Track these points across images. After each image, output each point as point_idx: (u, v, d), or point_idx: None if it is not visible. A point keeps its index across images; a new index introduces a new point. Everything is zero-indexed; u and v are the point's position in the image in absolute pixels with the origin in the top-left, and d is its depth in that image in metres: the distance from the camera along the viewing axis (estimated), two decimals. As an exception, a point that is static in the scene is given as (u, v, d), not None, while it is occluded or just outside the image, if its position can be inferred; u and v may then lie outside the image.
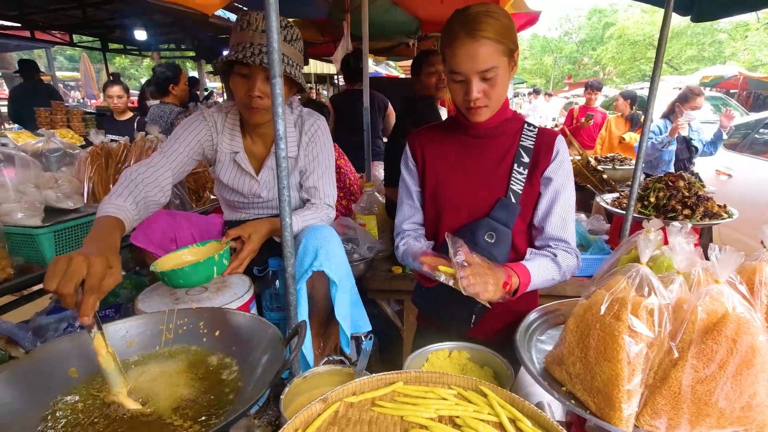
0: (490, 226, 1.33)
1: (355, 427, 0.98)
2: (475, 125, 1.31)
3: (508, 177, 1.32)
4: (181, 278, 1.16)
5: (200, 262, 1.17)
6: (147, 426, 0.77)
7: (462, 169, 1.37)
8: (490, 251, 1.33)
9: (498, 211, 1.33)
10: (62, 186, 1.49)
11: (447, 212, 1.40)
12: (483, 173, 1.35)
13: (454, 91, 1.23)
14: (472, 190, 1.36)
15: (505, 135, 1.34)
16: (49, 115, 5.02)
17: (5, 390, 0.76)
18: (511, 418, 0.98)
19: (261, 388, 0.74)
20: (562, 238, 1.34)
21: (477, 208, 1.36)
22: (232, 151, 1.58)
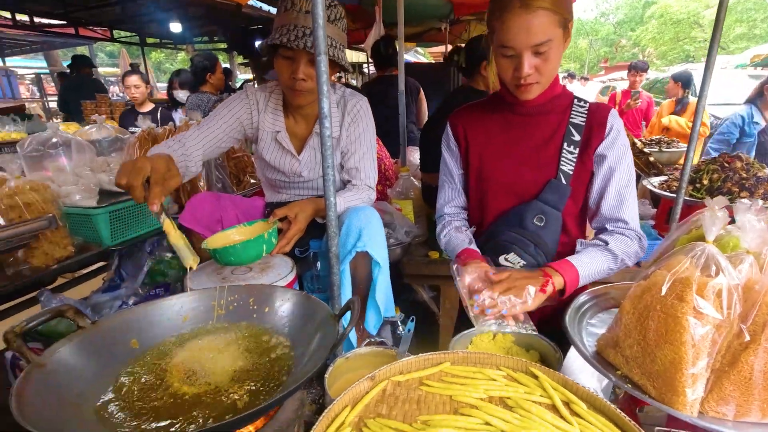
0: (539, 209, 1.28)
1: (403, 405, 0.98)
2: (522, 103, 1.25)
3: (557, 157, 1.26)
4: (232, 255, 1.19)
5: (251, 240, 1.20)
6: (206, 395, 0.78)
7: (508, 150, 1.32)
8: (539, 235, 1.29)
9: (547, 193, 1.27)
10: (114, 170, 1.55)
11: (492, 195, 1.36)
12: (530, 153, 1.30)
13: (503, 67, 1.17)
14: (519, 172, 1.31)
15: (554, 112, 1.28)
16: (94, 107, 5.23)
17: (77, 357, 0.80)
18: (564, 401, 0.95)
19: (317, 362, 0.74)
20: (619, 218, 1.26)
21: (524, 191, 1.31)
22: (273, 130, 1.60)
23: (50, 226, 1.24)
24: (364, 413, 0.95)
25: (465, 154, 1.40)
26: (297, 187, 1.72)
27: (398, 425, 0.90)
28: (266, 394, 0.78)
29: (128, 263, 1.73)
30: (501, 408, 0.94)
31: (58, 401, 0.70)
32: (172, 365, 0.88)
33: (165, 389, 0.80)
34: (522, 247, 1.30)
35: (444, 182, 1.47)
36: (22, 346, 0.74)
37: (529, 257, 1.30)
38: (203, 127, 1.53)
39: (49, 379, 0.73)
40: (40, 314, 0.80)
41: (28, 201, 1.26)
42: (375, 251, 1.39)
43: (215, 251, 1.20)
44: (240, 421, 0.66)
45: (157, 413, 0.74)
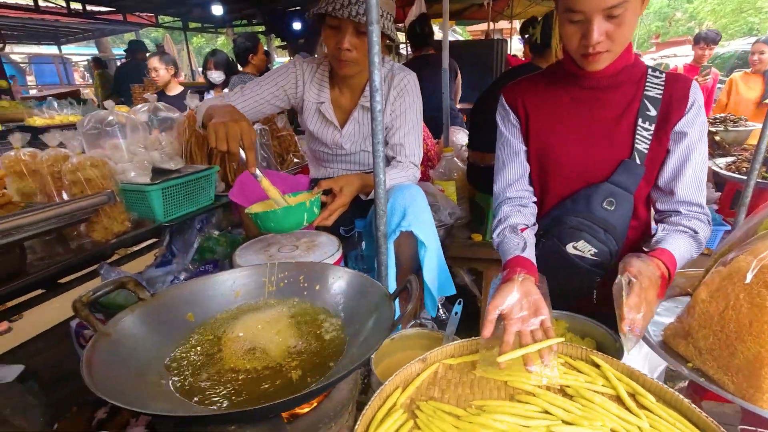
0: (609, 192, 1.18)
1: (456, 389, 0.95)
2: (589, 74, 1.14)
3: (631, 134, 1.15)
4: (272, 221, 1.18)
5: (292, 206, 1.19)
6: (263, 371, 0.78)
7: (574, 127, 1.21)
8: (608, 219, 1.20)
9: (620, 174, 1.17)
10: (165, 148, 1.58)
11: (555, 178, 1.26)
12: (600, 131, 1.18)
13: (568, 34, 1.06)
14: (588, 152, 1.20)
15: (627, 84, 1.16)
16: (142, 90, 5.41)
17: (139, 327, 0.82)
18: (630, 392, 0.89)
19: (374, 343, 0.72)
20: (694, 202, 1.16)
21: (593, 172, 1.20)
22: (318, 101, 1.59)
23: (109, 202, 1.29)
24: (415, 395, 0.93)
25: (526, 131, 1.29)
26: (340, 161, 1.71)
27: (452, 409, 0.87)
28: (320, 373, 0.77)
29: (179, 240, 1.78)
30: (560, 396, 0.90)
31: (125, 370, 0.72)
32: (227, 339, 0.89)
33: (222, 363, 0.81)
34: (592, 234, 1.21)
35: (505, 162, 1.32)
36: (90, 315, 0.76)
37: (600, 244, 1.21)
38: (246, 92, 1.56)
39: (114, 348, 0.75)
40: (104, 285, 0.82)
41: (89, 177, 1.31)
42: (420, 231, 1.35)
43: (257, 215, 1.21)
44: (300, 399, 0.65)
45: (218, 386, 0.75)
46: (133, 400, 0.63)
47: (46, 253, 1.31)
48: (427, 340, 1.31)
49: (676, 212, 1.19)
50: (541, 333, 0.97)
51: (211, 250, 1.76)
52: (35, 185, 1.38)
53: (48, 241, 1.37)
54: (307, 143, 1.78)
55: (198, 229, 1.76)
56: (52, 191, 1.34)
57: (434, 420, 0.84)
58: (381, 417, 0.84)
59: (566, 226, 1.24)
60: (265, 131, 2.06)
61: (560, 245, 1.26)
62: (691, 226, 1.15)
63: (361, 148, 1.65)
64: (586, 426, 0.81)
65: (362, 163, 1.70)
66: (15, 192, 1.39)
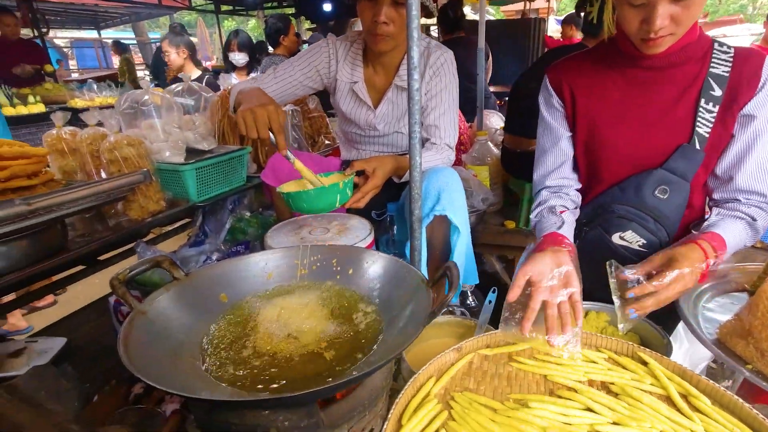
0: (663, 179, 1.10)
1: (492, 380, 0.91)
2: (649, 55, 1.04)
3: (692, 117, 1.06)
4: (305, 201, 1.17)
5: (324, 187, 1.17)
6: (295, 356, 0.77)
7: (628, 110, 1.12)
8: (659, 208, 1.11)
9: (676, 160, 1.08)
10: (199, 128, 1.59)
11: (603, 164, 1.18)
12: (656, 114, 1.09)
13: (627, 18, 0.95)
14: (642, 136, 1.11)
15: (690, 62, 1.05)
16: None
17: (174, 306, 0.82)
18: (682, 393, 0.84)
19: (413, 332, 0.69)
20: (756, 191, 1.06)
21: (646, 158, 1.12)
22: (351, 80, 1.55)
23: (145, 180, 1.30)
24: (449, 385, 0.90)
25: (572, 116, 1.20)
26: (373, 143, 1.67)
27: (488, 401, 0.84)
28: (355, 361, 0.75)
29: (211, 220, 1.80)
30: (604, 394, 0.85)
31: (160, 350, 0.72)
32: (260, 322, 0.88)
33: (255, 346, 0.80)
34: (640, 223, 1.13)
35: (546, 148, 1.26)
36: (126, 293, 0.76)
37: (649, 234, 1.14)
38: (279, 72, 1.53)
39: (150, 327, 0.75)
40: (141, 263, 0.82)
41: (125, 155, 1.32)
42: (454, 215, 1.30)
43: (288, 195, 1.20)
44: (337, 387, 0.63)
45: (251, 369, 0.74)
46: (167, 381, 0.62)
47: (86, 230, 1.34)
48: (458, 328, 1.27)
49: (732, 200, 1.09)
50: (568, 306, 0.95)
51: (243, 231, 1.77)
52: (76, 164, 1.41)
53: (88, 218, 1.40)
54: (338, 125, 1.75)
55: (230, 209, 1.77)
56: (91, 170, 1.37)
57: (470, 412, 0.81)
58: (414, 406, 0.82)
59: (613, 215, 1.16)
60: (296, 112, 2.04)
61: (605, 235, 1.19)
62: (750, 213, 1.06)
63: (395, 129, 1.60)
64: (633, 427, 0.76)
65: (395, 144, 1.65)
66: (57, 170, 1.42)
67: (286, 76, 1.53)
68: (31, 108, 4.42)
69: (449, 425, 0.79)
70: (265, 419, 0.63)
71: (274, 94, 1.49)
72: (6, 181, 1.14)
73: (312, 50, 1.57)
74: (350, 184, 1.25)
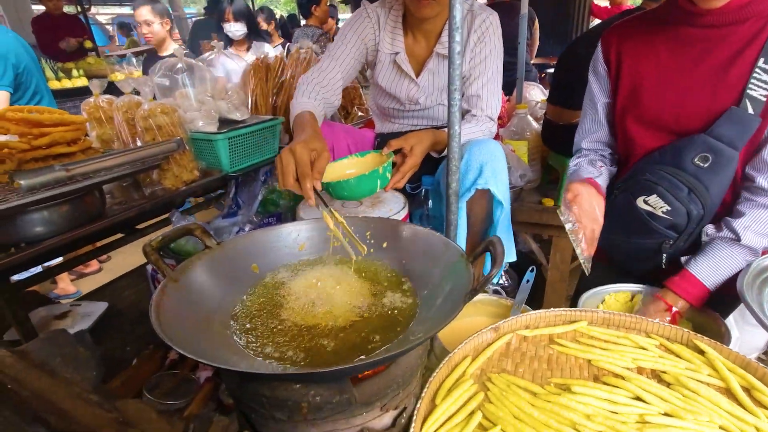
0: (707, 146, 1.00)
1: (531, 362, 0.87)
2: (709, 11, 0.95)
3: (745, 80, 0.95)
4: (345, 190, 1.14)
5: (365, 174, 1.12)
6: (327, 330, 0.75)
7: (675, 72, 1.04)
8: (698, 177, 1.02)
9: (723, 125, 0.98)
10: (232, 97, 1.56)
11: (642, 128, 1.11)
12: (706, 76, 1.00)
13: None
14: (686, 99, 1.02)
15: (751, 20, 0.95)
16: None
17: (206, 275, 0.82)
18: (745, 387, 0.76)
19: (451, 310, 0.65)
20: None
21: (689, 124, 1.03)
22: (392, 51, 1.47)
23: (179, 149, 1.30)
24: (486, 366, 0.86)
25: (615, 79, 1.15)
26: (411, 116, 1.59)
27: (527, 385, 0.80)
28: (390, 337, 0.72)
29: (244, 191, 1.80)
30: (655, 383, 0.79)
31: (192, 318, 0.71)
32: (292, 294, 0.86)
33: (287, 318, 0.79)
34: (670, 189, 1.04)
35: (586, 113, 1.26)
36: (159, 259, 0.75)
37: (677, 203, 1.04)
38: (335, 55, 1.45)
39: (182, 295, 0.74)
40: (173, 231, 0.82)
41: (159, 124, 1.32)
42: (497, 189, 1.24)
43: (329, 185, 1.15)
44: (372, 364, 0.61)
45: (283, 341, 0.72)
46: (198, 350, 0.61)
47: (124, 198, 1.36)
48: (493, 308, 1.22)
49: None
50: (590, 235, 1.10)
51: (275, 203, 1.76)
52: (113, 132, 1.42)
53: (125, 187, 1.42)
54: (373, 98, 1.67)
55: (262, 181, 1.76)
56: (127, 138, 1.38)
57: (508, 395, 0.77)
58: (449, 386, 0.78)
59: (642, 178, 1.08)
60: (329, 82, 1.98)
61: (631, 199, 1.11)
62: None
63: (436, 101, 1.52)
64: (689, 420, 0.70)
65: (435, 117, 1.57)
66: (96, 139, 1.44)
67: (343, 56, 1.45)
68: (74, 81, 4.57)
69: (486, 407, 0.75)
70: (297, 393, 0.61)
71: (342, 77, 1.45)
72: (47, 148, 1.16)
73: (354, 22, 1.48)
74: (389, 167, 1.20)
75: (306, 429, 0.67)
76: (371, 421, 0.70)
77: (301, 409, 0.61)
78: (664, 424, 0.69)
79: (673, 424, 0.69)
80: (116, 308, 1.66)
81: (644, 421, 0.71)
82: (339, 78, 1.44)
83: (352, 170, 1.27)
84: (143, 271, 1.90)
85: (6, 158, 1.13)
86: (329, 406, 0.61)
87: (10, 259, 1.01)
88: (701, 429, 0.68)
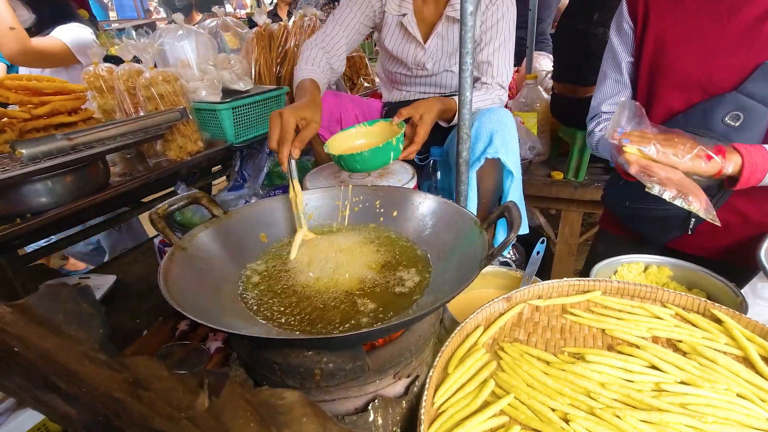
0: (737, 104, 0.96)
1: (544, 332, 0.86)
2: None
3: None
4: (358, 163, 1.10)
5: (379, 147, 1.08)
6: (337, 298, 0.74)
7: (704, 27, 0.99)
8: (729, 137, 0.97)
9: (756, 81, 0.93)
10: (235, 67, 1.52)
11: (668, 88, 1.06)
12: (737, 30, 0.95)
13: None
14: (716, 57, 0.98)
15: None
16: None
17: (214, 243, 0.80)
18: (764, 356, 0.75)
19: (465, 278, 0.63)
20: None
21: (719, 82, 0.99)
22: (399, 13, 1.42)
23: (182, 118, 1.27)
24: (498, 336, 0.85)
25: (640, 36, 1.09)
26: (418, 83, 1.55)
27: (540, 353, 0.79)
28: (403, 305, 0.71)
29: (249, 164, 1.77)
30: (671, 351, 0.77)
31: (200, 285, 0.70)
32: (302, 262, 0.84)
33: (298, 285, 0.77)
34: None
35: (606, 74, 1.20)
36: (165, 227, 0.74)
37: None
38: (340, 20, 1.42)
39: (190, 262, 0.73)
40: (179, 198, 0.80)
41: (161, 93, 1.29)
42: (508, 158, 1.20)
43: (340, 158, 1.12)
44: (384, 331, 0.60)
45: (293, 309, 0.71)
46: (207, 316, 0.60)
47: (128, 170, 1.34)
48: (503, 279, 1.21)
49: None
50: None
51: (281, 176, 1.74)
52: (114, 102, 1.39)
53: (129, 158, 1.40)
54: (381, 64, 1.63)
55: (268, 153, 1.74)
56: (129, 108, 1.35)
57: (521, 363, 0.76)
58: (461, 355, 0.78)
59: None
60: (334, 52, 1.93)
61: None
62: None
63: (445, 67, 1.47)
64: (706, 388, 0.69)
65: (444, 85, 1.53)
66: (97, 109, 1.41)
67: (347, 21, 1.42)
68: (74, 55, 4.48)
69: (498, 376, 0.74)
70: (309, 360, 0.60)
71: (346, 43, 1.42)
72: (48, 117, 1.14)
73: None
74: (401, 138, 1.16)
75: (319, 396, 0.66)
76: (384, 388, 0.69)
77: (314, 376, 0.60)
78: (681, 392, 0.68)
79: (690, 392, 0.68)
80: (125, 281, 1.65)
81: (660, 389, 0.70)
82: (343, 43, 1.41)
83: (361, 140, 1.24)
84: (151, 245, 1.89)
85: (6, 128, 1.11)
86: (342, 373, 0.60)
87: (15, 229, 0.99)
88: (719, 397, 0.67)
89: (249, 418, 0.35)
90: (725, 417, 0.65)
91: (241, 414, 0.34)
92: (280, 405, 0.37)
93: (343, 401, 0.67)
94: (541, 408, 0.67)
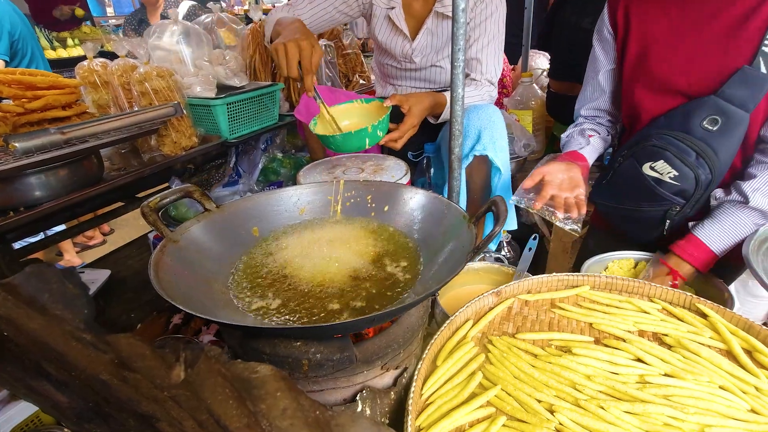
0: (716, 108, 0.97)
1: (532, 326, 0.87)
2: None
3: (759, 37, 0.92)
4: (332, 144, 1.17)
5: (351, 133, 1.12)
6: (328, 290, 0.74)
7: (684, 31, 1.00)
8: (707, 141, 0.99)
9: (734, 86, 0.94)
10: (230, 63, 1.52)
11: (649, 93, 1.07)
12: (717, 34, 0.96)
13: None
14: (696, 60, 0.99)
15: None
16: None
17: (206, 237, 0.81)
18: (746, 349, 0.76)
19: (453, 269, 0.64)
20: None
21: (699, 85, 1.00)
22: (388, 6, 1.43)
23: (176, 114, 1.27)
24: (487, 330, 0.86)
25: (622, 43, 1.12)
26: (409, 77, 1.56)
27: (528, 347, 0.80)
28: (392, 296, 0.72)
29: (244, 160, 1.78)
30: (656, 345, 0.79)
31: (192, 278, 0.71)
32: (293, 255, 0.85)
33: (289, 278, 0.78)
34: (677, 154, 1.01)
35: (587, 80, 1.25)
36: (157, 220, 0.74)
37: (685, 167, 1.01)
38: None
39: (182, 255, 0.73)
40: (171, 192, 0.80)
41: (156, 88, 1.29)
42: (496, 155, 1.22)
43: (319, 136, 1.20)
44: (372, 320, 0.60)
45: (284, 301, 0.72)
46: (198, 307, 0.61)
47: (122, 165, 1.34)
48: (495, 275, 1.22)
49: None
50: (573, 200, 1.07)
51: (275, 172, 1.75)
52: (108, 97, 1.39)
53: (123, 153, 1.40)
54: (375, 57, 1.64)
55: (263, 149, 1.74)
56: (123, 103, 1.35)
57: (509, 356, 0.77)
58: (450, 348, 0.79)
59: (648, 144, 1.06)
60: (330, 48, 1.93)
61: (636, 165, 1.09)
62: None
63: (433, 62, 1.47)
64: (689, 380, 0.70)
65: (433, 80, 1.53)
66: (91, 104, 1.41)
67: (321, 2, 1.41)
68: (70, 51, 4.48)
69: (486, 368, 0.75)
70: (297, 350, 0.61)
71: (309, 21, 1.40)
72: (41, 111, 1.14)
73: None
74: (382, 125, 1.18)
75: (307, 386, 0.67)
76: (372, 379, 0.70)
77: (302, 366, 0.61)
78: (665, 384, 0.69)
79: (673, 384, 0.70)
80: (119, 276, 1.66)
81: (645, 381, 0.71)
82: (306, 20, 1.39)
83: (350, 120, 1.28)
84: (145, 240, 1.90)
85: (0, 121, 1.11)
86: (330, 364, 0.61)
87: (8, 222, 1.00)
88: (701, 389, 0.69)
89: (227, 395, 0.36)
90: (706, 408, 0.66)
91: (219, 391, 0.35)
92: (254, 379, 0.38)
93: (332, 392, 0.68)
94: (527, 399, 0.69)
